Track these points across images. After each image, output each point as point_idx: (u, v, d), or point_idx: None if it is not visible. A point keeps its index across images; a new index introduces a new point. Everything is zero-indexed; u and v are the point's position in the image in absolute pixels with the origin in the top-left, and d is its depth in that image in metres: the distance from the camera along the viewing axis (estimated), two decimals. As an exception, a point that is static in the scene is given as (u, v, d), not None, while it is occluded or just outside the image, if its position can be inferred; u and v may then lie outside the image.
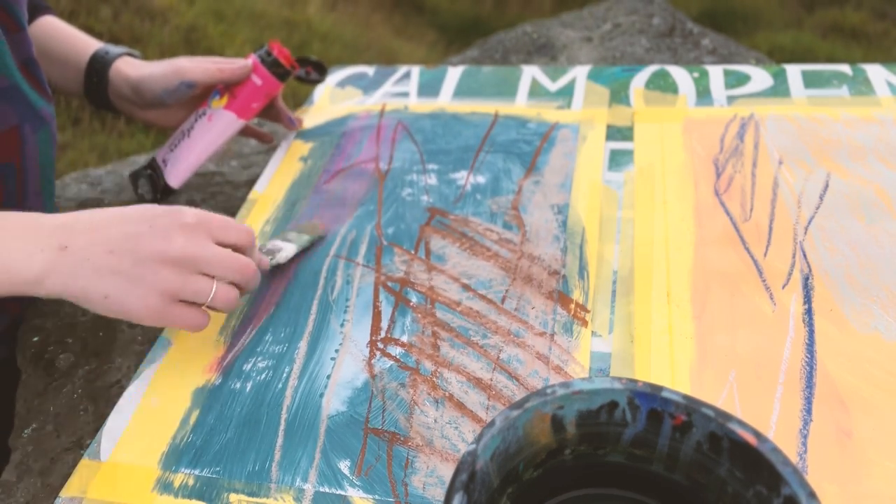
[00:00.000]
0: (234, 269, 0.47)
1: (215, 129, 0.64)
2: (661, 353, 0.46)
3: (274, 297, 0.54)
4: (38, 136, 0.58)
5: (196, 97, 0.66)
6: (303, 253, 0.58)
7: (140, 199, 0.67)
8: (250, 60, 0.65)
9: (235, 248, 0.49)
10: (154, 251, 0.45)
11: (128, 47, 0.68)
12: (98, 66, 0.65)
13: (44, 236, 0.44)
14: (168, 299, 0.45)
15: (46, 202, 0.61)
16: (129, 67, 0.65)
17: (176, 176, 0.65)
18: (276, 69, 0.65)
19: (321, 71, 0.71)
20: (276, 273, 0.56)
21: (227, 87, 0.65)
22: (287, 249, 0.56)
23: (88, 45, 0.67)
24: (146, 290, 0.45)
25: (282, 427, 0.45)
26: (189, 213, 0.47)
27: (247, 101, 0.64)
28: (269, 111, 0.70)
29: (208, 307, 0.48)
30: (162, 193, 0.66)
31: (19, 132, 0.56)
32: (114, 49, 0.67)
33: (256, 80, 0.64)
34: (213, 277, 0.47)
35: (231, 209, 0.66)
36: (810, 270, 0.50)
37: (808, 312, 0.47)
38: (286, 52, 0.66)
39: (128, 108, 0.67)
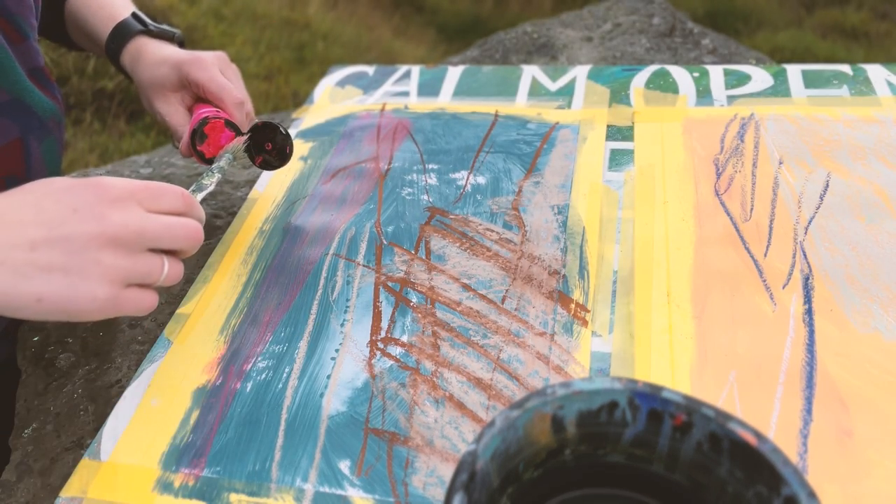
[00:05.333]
0: (181, 237, 0.41)
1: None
2: (661, 353, 0.46)
3: (274, 297, 0.54)
4: (42, 146, 0.57)
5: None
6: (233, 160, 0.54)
7: None
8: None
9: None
10: (89, 235, 0.37)
11: (144, 25, 0.61)
12: (111, 53, 0.61)
13: None
14: (118, 286, 0.39)
15: None
16: (140, 65, 0.60)
17: None
18: (202, 160, 0.57)
19: (282, 157, 0.59)
20: (276, 273, 0.56)
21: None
22: (210, 179, 0.51)
23: (113, 17, 0.62)
24: (91, 282, 0.38)
25: (282, 427, 0.45)
26: (114, 184, 0.39)
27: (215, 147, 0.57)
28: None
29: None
30: None
31: (23, 144, 0.55)
32: (131, 26, 0.60)
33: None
34: (159, 252, 0.41)
35: (231, 209, 0.66)
36: (810, 270, 0.49)
37: (809, 312, 0.47)
38: (219, 127, 0.56)
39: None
